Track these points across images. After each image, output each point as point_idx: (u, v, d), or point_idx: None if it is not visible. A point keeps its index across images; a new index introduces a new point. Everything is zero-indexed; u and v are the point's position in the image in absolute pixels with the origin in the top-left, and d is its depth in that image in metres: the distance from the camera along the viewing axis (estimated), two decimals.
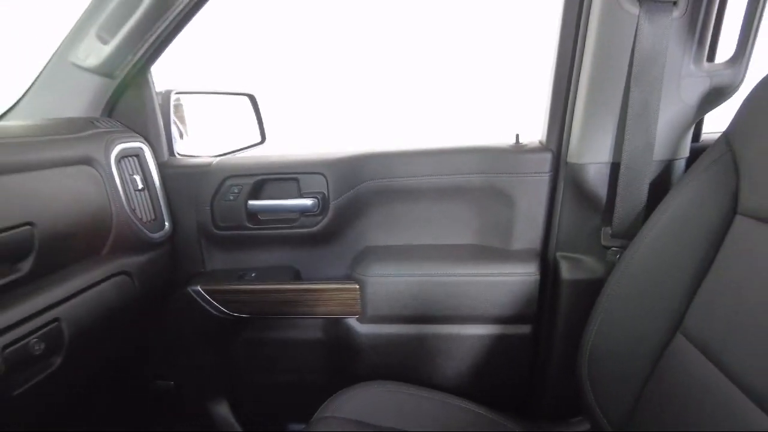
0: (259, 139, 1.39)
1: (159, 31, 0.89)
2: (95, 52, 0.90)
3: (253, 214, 1.05)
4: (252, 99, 1.36)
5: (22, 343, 0.70)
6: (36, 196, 0.74)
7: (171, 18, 0.88)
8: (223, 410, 1.17)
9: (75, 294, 0.81)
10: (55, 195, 0.78)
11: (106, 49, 0.89)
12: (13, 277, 0.71)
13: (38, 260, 0.74)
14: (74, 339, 0.80)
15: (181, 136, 1.23)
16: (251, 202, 1.03)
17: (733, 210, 0.65)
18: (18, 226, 0.70)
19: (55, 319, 0.76)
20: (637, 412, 0.72)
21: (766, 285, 0.56)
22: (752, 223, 0.61)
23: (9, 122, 0.93)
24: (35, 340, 0.72)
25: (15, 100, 1.03)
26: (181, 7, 0.87)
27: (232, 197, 1.03)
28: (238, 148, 1.34)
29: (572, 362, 0.85)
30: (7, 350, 0.67)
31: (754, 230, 0.61)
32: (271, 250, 1.09)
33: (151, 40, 0.91)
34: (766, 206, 0.59)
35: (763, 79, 0.67)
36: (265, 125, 1.38)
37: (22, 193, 0.72)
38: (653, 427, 0.68)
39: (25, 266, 0.73)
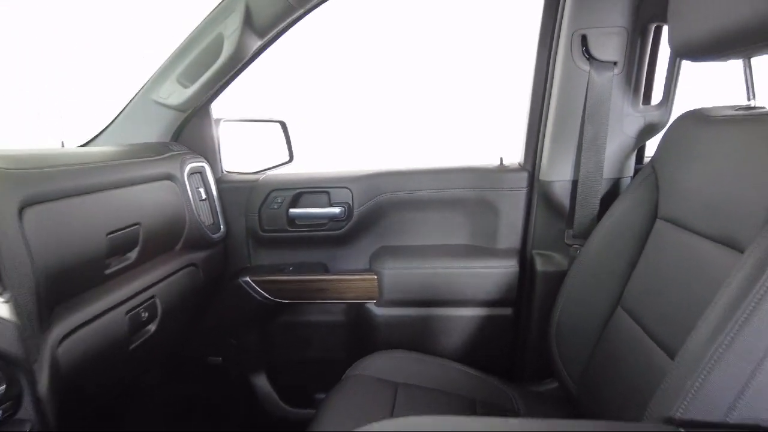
0: (287, 159, 1.65)
1: (227, 77, 1.16)
2: (176, 94, 1.17)
3: (292, 220, 1.31)
4: (283, 125, 1.62)
5: (136, 311, 0.95)
6: (140, 203, 1.00)
7: (238, 67, 1.15)
8: (261, 382, 1.41)
9: (163, 278, 1.06)
10: (151, 203, 1.03)
11: (186, 92, 1.16)
12: (126, 263, 0.96)
13: (141, 251, 0.99)
14: (164, 312, 1.05)
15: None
16: (291, 210, 1.29)
17: (654, 216, 0.92)
18: (131, 226, 0.95)
19: (153, 296, 1.02)
20: (589, 369, 0.98)
21: (674, 268, 0.82)
22: (667, 225, 0.88)
23: (102, 147, 1.18)
24: (142, 309, 0.98)
25: (100, 129, 1.29)
26: (247, 58, 1.14)
27: (276, 206, 1.29)
28: (270, 166, 1.59)
29: (544, 336, 1.11)
30: (128, 314, 0.93)
31: (668, 230, 0.87)
32: (305, 248, 1.35)
33: (220, 84, 1.18)
34: (675, 213, 0.86)
35: (675, 120, 0.94)
36: (293, 147, 1.64)
37: (132, 201, 0.98)
38: (599, 379, 0.94)
39: (133, 255, 0.98)
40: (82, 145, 1.27)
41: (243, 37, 1.09)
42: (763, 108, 0.80)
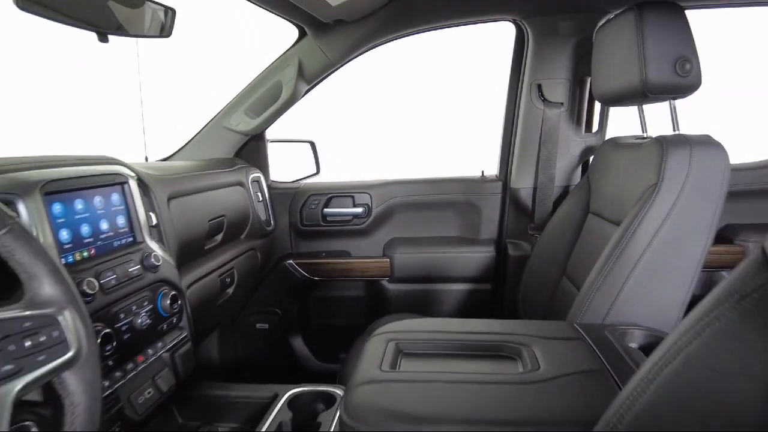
0: (315, 171, 2.06)
1: (283, 113, 1.59)
2: (243, 123, 1.59)
3: (325, 217, 1.72)
4: (312, 144, 2.04)
5: (222, 276, 1.36)
6: (224, 201, 1.41)
7: (293, 103, 1.57)
8: (299, 344, 1.81)
9: (236, 257, 1.47)
10: (231, 201, 1.44)
11: (252, 122, 1.58)
12: (215, 243, 1.37)
13: (224, 236, 1.40)
14: (239, 281, 1.46)
15: None
16: (325, 210, 1.71)
17: (587, 211, 1.34)
18: (219, 216, 1.36)
19: (232, 267, 1.42)
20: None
21: (594, 245, 1.21)
22: (593, 217, 1.30)
23: (189, 161, 1.59)
24: (227, 275, 1.38)
25: (178, 148, 1.70)
26: (302, 95, 1.57)
27: (313, 206, 1.71)
28: (301, 177, 2.01)
29: (513, 304, 1.52)
30: (220, 277, 1.34)
31: (593, 221, 1.29)
32: (335, 239, 1.76)
33: (279, 116, 1.60)
34: (599, 208, 1.27)
35: (600, 145, 1.37)
36: (320, 162, 2.06)
37: (220, 199, 1.39)
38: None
39: (219, 238, 1.38)
40: (163, 159, 1.69)
41: (297, 84, 1.51)
42: (649, 137, 1.22)
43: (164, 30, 1.01)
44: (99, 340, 0.78)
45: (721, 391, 0.35)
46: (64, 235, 0.82)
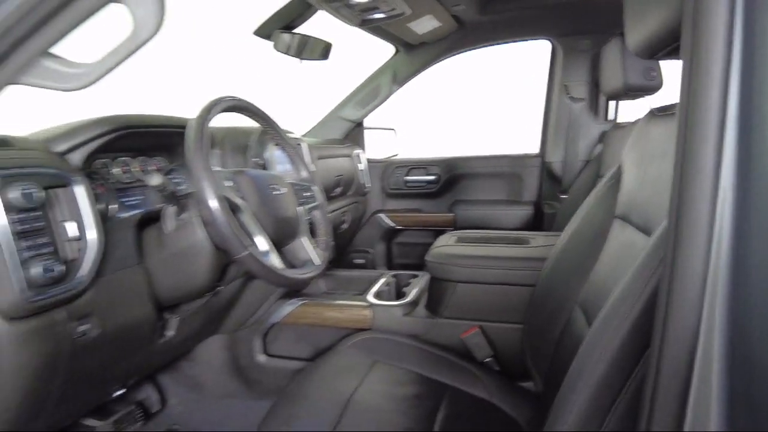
0: (396, 153, 2.70)
1: (379, 105, 2.24)
2: (354, 114, 2.26)
3: (406, 183, 2.36)
4: (394, 131, 2.68)
5: (341, 214, 2.03)
6: (342, 166, 2.07)
7: (386, 100, 2.22)
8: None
9: (348, 204, 2.13)
10: (345, 167, 2.11)
11: (360, 113, 2.24)
12: (336, 193, 2.03)
13: (341, 190, 2.06)
14: (351, 222, 2.12)
15: None
16: (406, 177, 2.35)
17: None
18: (339, 175, 2.03)
19: (346, 211, 2.09)
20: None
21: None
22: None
23: (313, 138, 2.27)
24: (343, 214, 2.05)
25: (305, 132, 2.40)
26: (392, 94, 2.22)
27: (398, 175, 2.35)
28: (385, 156, 2.66)
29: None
30: (342, 216, 2.00)
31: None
32: (413, 199, 2.40)
33: (375, 109, 2.25)
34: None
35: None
36: (399, 145, 2.69)
37: (339, 164, 2.05)
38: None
39: (338, 191, 2.05)
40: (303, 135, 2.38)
41: (391, 86, 2.16)
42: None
43: (325, 56, 1.70)
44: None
45: None
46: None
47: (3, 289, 0.73)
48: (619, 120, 2.08)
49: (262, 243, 0.99)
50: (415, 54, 2.14)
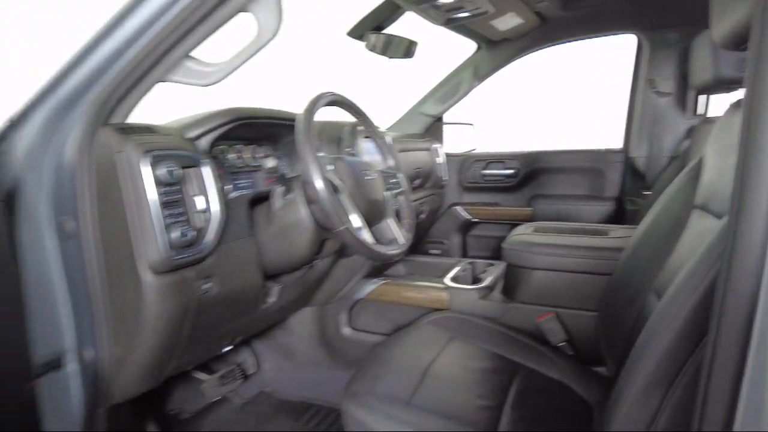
0: (474, 147, 2.76)
1: (459, 101, 2.32)
2: (434, 109, 2.36)
3: (483, 176, 2.42)
4: (471, 126, 2.74)
5: (419, 205, 2.13)
6: (421, 159, 2.17)
7: (466, 96, 2.30)
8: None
9: (426, 196, 2.23)
10: (424, 160, 2.20)
11: (439, 108, 2.34)
12: (416, 185, 2.14)
13: (420, 182, 2.16)
14: (428, 214, 2.22)
15: None
16: (483, 171, 2.41)
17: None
18: (419, 168, 2.13)
19: (424, 202, 2.19)
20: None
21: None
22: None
23: (395, 132, 2.39)
24: (421, 205, 2.15)
25: (388, 126, 2.53)
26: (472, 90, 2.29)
27: (476, 169, 2.42)
28: (464, 150, 2.72)
29: None
30: (420, 206, 2.11)
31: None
32: (490, 193, 2.45)
33: (455, 105, 2.33)
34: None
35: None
36: (477, 139, 2.75)
37: (419, 157, 2.15)
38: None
39: (417, 183, 2.15)
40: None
41: (472, 82, 2.24)
42: None
43: (410, 54, 1.81)
44: None
45: None
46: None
47: (152, 247, 0.91)
48: (711, 114, 2.01)
49: (356, 220, 1.13)
50: (497, 50, 2.20)
